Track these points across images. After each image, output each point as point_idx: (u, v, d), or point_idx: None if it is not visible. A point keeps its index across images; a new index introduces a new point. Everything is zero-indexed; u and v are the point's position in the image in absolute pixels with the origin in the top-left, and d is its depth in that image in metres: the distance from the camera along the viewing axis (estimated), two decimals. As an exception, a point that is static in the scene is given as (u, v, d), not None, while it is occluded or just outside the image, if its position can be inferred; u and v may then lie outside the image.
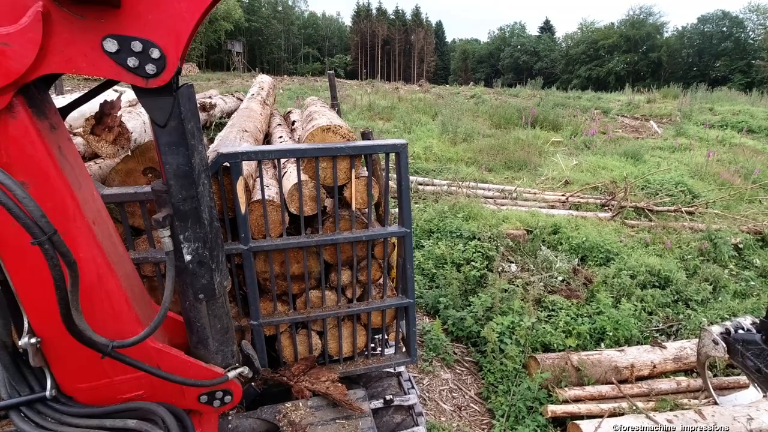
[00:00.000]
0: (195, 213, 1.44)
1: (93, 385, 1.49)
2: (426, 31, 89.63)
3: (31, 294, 1.30)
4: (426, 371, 3.90)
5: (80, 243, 1.32)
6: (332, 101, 4.11)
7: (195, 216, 1.44)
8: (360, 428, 2.09)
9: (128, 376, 1.54)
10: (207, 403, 1.70)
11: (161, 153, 1.33)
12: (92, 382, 1.49)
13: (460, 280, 4.79)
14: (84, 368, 1.46)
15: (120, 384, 1.53)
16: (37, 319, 1.34)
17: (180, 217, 1.43)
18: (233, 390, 1.71)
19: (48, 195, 1.23)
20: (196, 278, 1.52)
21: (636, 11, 69.90)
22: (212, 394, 1.69)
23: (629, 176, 8.44)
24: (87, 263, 1.35)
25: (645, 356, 3.79)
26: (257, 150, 1.97)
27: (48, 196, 1.23)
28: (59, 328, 1.31)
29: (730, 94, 24.12)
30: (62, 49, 1.11)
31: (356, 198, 2.20)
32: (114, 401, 1.53)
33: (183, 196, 1.40)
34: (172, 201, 1.41)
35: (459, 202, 6.64)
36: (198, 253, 1.50)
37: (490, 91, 27.37)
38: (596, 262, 5.47)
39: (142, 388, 1.58)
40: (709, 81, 41.08)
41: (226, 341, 1.69)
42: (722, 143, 12.79)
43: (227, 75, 37.82)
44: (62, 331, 1.31)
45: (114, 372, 1.51)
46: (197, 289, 1.54)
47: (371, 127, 11.37)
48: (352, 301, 2.41)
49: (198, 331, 1.63)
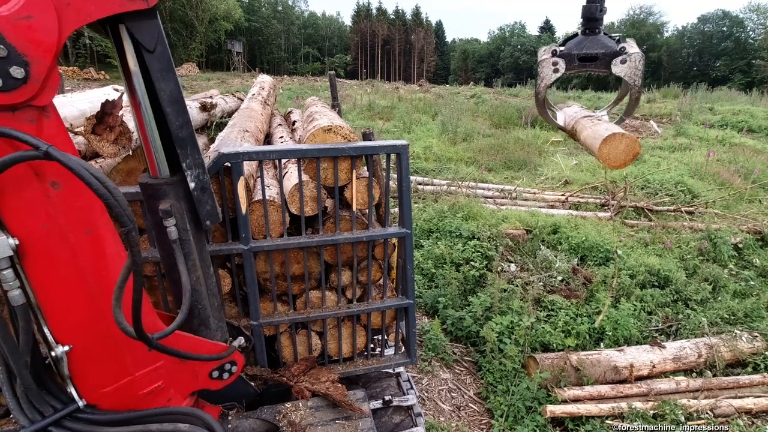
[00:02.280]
0: (191, 138, 1.46)
1: (117, 387, 1.48)
2: (426, 31, 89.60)
3: (58, 303, 1.28)
4: (425, 371, 3.91)
5: (108, 239, 1.34)
6: (333, 101, 4.11)
7: (192, 142, 1.46)
8: (360, 429, 2.10)
9: (148, 369, 1.54)
10: (218, 378, 1.78)
11: (155, 81, 1.35)
12: (116, 383, 1.48)
13: (460, 279, 4.79)
14: (108, 370, 1.45)
15: (141, 379, 1.53)
16: (63, 328, 1.32)
17: (180, 145, 1.44)
18: (237, 360, 1.82)
19: (79, 193, 1.25)
20: (201, 204, 1.55)
21: (636, 11, 69.98)
22: (221, 368, 1.78)
23: (629, 176, 8.44)
24: (116, 259, 1.37)
25: (644, 356, 3.80)
26: (258, 150, 1.97)
27: (79, 195, 1.25)
28: (84, 334, 1.32)
29: (730, 94, 24.11)
30: (69, 1, 1.12)
31: (357, 198, 2.20)
32: (135, 399, 1.52)
33: (180, 122, 1.41)
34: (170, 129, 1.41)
35: (458, 202, 6.64)
36: (200, 179, 1.53)
37: (490, 91, 27.36)
38: (595, 262, 5.48)
39: (160, 378, 1.59)
40: (709, 81, 41.04)
41: (221, 318, 1.81)
42: (722, 143, 12.78)
43: (227, 75, 37.81)
44: (87, 337, 1.32)
45: (135, 367, 1.51)
46: (204, 216, 1.57)
47: (371, 126, 11.38)
48: (352, 302, 2.42)
49: (200, 313, 1.67)
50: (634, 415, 3.28)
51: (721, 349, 3.97)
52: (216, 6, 50.91)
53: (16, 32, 1.04)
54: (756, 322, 4.43)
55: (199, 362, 1.71)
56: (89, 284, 1.31)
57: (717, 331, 4.28)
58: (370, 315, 2.45)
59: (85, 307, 1.32)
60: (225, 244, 2.07)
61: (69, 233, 1.23)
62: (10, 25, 1.04)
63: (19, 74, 1.09)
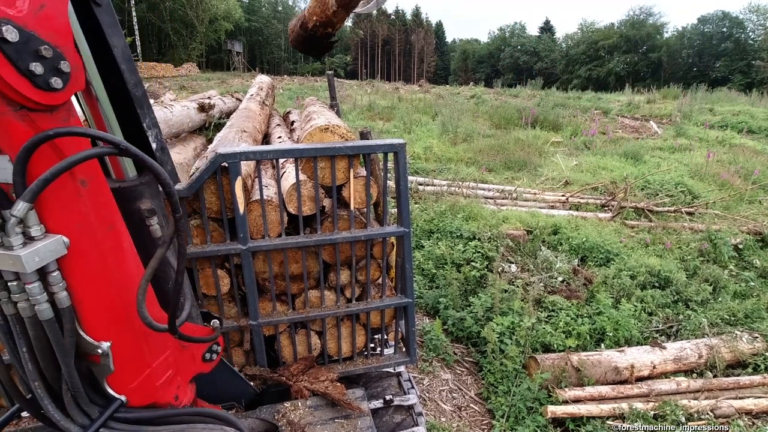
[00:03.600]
0: (146, 97, 1.42)
1: (141, 380, 1.47)
2: (426, 31, 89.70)
3: (92, 301, 1.27)
4: (426, 371, 3.90)
5: (123, 233, 1.34)
6: (331, 101, 4.09)
7: (147, 101, 1.42)
8: (359, 428, 2.09)
9: (161, 358, 1.53)
10: (209, 360, 1.79)
11: (108, 36, 1.27)
12: (140, 377, 1.46)
13: (460, 280, 4.78)
14: (133, 364, 1.43)
15: (157, 369, 1.52)
16: (97, 326, 1.30)
17: (138, 104, 1.38)
18: (220, 342, 1.86)
19: (100, 190, 1.24)
20: (163, 165, 1.51)
21: (636, 11, 70.04)
22: (210, 349, 1.80)
23: (629, 177, 8.44)
24: (131, 252, 1.37)
25: (645, 357, 3.79)
26: (256, 150, 1.96)
27: (100, 191, 1.24)
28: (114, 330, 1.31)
29: (730, 95, 24.11)
30: None
31: (355, 198, 2.19)
32: (153, 391, 1.51)
33: (135, 80, 1.35)
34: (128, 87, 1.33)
35: (459, 203, 6.63)
36: (159, 139, 1.50)
37: (490, 92, 27.36)
38: (596, 263, 5.47)
39: (170, 367, 1.58)
40: (709, 81, 41.06)
41: (196, 305, 1.85)
42: (722, 144, 12.79)
43: (227, 75, 37.87)
44: (116, 332, 1.31)
45: (152, 358, 1.50)
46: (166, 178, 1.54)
47: (371, 127, 11.37)
48: (351, 301, 2.41)
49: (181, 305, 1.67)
50: (635, 416, 3.27)
51: (721, 349, 3.96)
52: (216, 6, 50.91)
53: (41, 26, 1.00)
54: (756, 323, 4.42)
55: (196, 347, 1.73)
56: (115, 280, 1.31)
57: (717, 332, 4.27)
58: (369, 314, 2.45)
59: (113, 303, 1.32)
60: (223, 244, 2.06)
61: (97, 230, 1.23)
62: (34, 19, 0.98)
63: (66, 68, 1.05)
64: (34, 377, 1.23)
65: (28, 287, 1.12)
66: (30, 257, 1.06)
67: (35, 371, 1.23)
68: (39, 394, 1.24)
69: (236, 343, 2.36)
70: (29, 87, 0.99)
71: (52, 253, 1.12)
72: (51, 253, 1.12)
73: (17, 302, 1.15)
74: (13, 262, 1.06)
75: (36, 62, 0.98)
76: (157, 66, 37.12)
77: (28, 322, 1.17)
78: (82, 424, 1.29)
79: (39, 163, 1.05)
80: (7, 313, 1.18)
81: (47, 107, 1.05)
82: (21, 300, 1.14)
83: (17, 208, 1.01)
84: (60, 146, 1.10)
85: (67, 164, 1.06)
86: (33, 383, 1.23)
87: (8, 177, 1.05)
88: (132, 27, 38.31)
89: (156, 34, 48.00)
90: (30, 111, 1.02)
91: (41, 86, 1.00)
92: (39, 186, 1.02)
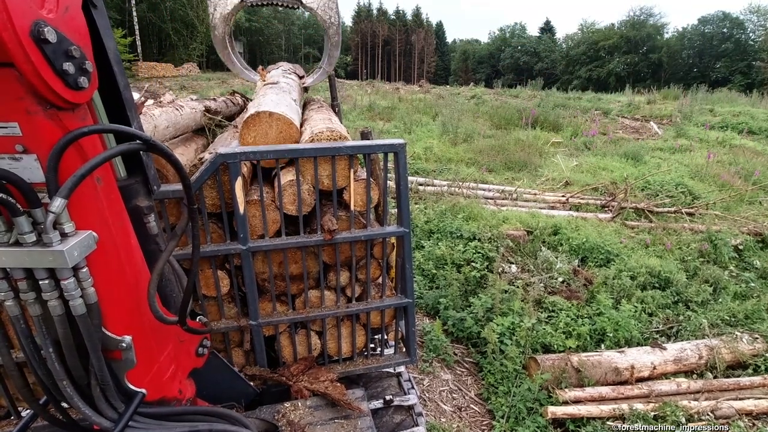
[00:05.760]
0: (133, 100, 1.42)
1: (151, 375, 1.48)
2: (426, 32, 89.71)
3: (111, 297, 1.28)
4: (426, 372, 3.89)
5: (131, 230, 1.36)
6: (332, 101, 4.09)
7: (134, 104, 1.42)
8: (359, 427, 2.08)
9: (165, 353, 1.55)
10: (201, 354, 1.81)
11: (105, 38, 1.27)
12: (150, 371, 1.47)
13: (461, 280, 4.78)
14: (145, 359, 1.44)
15: (163, 364, 1.53)
16: (116, 321, 1.31)
17: (129, 106, 1.38)
18: (208, 336, 1.88)
19: (112, 188, 1.26)
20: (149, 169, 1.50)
21: (636, 12, 69.98)
22: (202, 344, 1.82)
23: (629, 177, 8.44)
24: (137, 248, 1.39)
25: (645, 357, 3.78)
26: (255, 150, 1.96)
27: (111, 188, 1.26)
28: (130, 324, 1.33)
29: (730, 96, 24.08)
30: None
31: (355, 198, 2.19)
32: (161, 385, 1.52)
33: (124, 83, 1.36)
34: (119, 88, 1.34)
35: (459, 203, 6.63)
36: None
37: (490, 92, 27.36)
38: (596, 263, 5.46)
39: (172, 361, 1.59)
40: (710, 82, 41.06)
41: None
42: (722, 144, 12.78)
43: (227, 75, 37.83)
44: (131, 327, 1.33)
45: (159, 353, 1.51)
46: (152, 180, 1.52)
47: (371, 127, 11.37)
48: (351, 301, 2.41)
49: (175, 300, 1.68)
50: (635, 417, 3.27)
51: (721, 350, 3.96)
52: (217, 6, 50.78)
53: (68, 27, 1.03)
54: (756, 324, 4.42)
55: (190, 341, 1.74)
56: (128, 275, 1.33)
57: (717, 333, 4.27)
58: (369, 314, 2.44)
59: (128, 298, 1.34)
60: (223, 244, 2.06)
61: (111, 226, 1.24)
62: (62, 21, 1.01)
63: (90, 67, 1.08)
64: (62, 376, 1.23)
65: (64, 283, 1.12)
66: (71, 252, 1.08)
67: (62, 370, 1.23)
68: (68, 392, 1.25)
69: (236, 344, 2.36)
70: (62, 86, 1.02)
71: (86, 249, 1.14)
72: (86, 249, 1.14)
73: (48, 300, 1.14)
74: (54, 258, 1.07)
75: (68, 62, 1.01)
76: (157, 66, 37.10)
77: (57, 321, 1.17)
78: (112, 417, 1.31)
79: (64, 160, 1.08)
80: (33, 314, 1.17)
81: (72, 106, 1.08)
82: (52, 298, 1.14)
83: (55, 204, 1.02)
84: (82, 144, 1.12)
85: (101, 159, 1.09)
86: (61, 382, 1.24)
87: (34, 176, 1.07)
88: (132, 27, 38.29)
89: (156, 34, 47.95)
90: (59, 110, 1.05)
91: (72, 85, 1.04)
92: (74, 182, 1.04)
